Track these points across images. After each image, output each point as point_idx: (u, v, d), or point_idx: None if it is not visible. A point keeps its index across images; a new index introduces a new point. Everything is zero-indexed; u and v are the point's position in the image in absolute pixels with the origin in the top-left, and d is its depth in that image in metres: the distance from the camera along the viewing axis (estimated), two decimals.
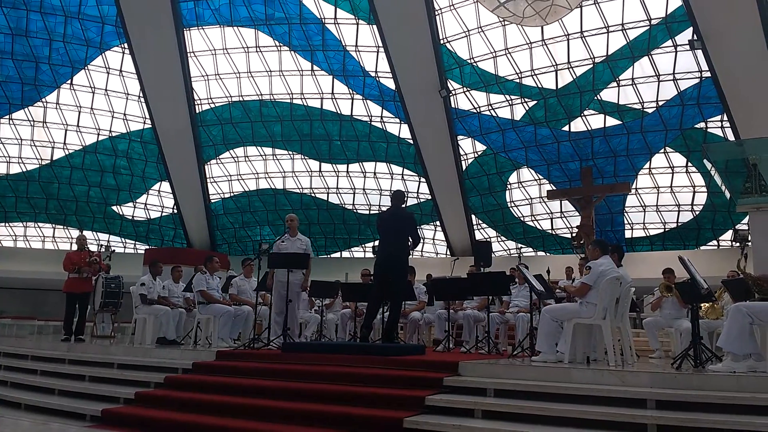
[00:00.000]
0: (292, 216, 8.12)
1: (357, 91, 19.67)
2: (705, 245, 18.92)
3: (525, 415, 4.51)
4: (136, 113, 20.97)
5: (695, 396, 4.33)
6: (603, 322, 5.89)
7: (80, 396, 6.30)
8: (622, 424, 4.19)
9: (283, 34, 19.10)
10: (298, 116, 20.57)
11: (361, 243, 22.96)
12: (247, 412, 5.05)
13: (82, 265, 9.16)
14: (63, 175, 21.78)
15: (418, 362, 5.79)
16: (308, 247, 7.85)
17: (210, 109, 20.95)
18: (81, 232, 17.02)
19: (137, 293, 8.61)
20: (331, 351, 6.51)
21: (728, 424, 3.98)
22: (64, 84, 20.30)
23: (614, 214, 19.29)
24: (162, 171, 22.00)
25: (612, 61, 16.84)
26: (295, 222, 8.00)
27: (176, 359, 6.71)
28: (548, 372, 5.18)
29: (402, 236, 7.08)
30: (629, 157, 18.20)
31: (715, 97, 15.87)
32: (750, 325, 4.93)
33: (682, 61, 16.14)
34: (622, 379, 4.79)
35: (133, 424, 5.19)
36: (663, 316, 8.07)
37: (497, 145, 19.43)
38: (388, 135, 20.22)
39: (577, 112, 18.03)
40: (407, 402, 4.86)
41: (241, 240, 23.85)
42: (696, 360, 5.45)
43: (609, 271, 6.02)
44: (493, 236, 21.16)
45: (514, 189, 20.34)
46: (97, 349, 8.01)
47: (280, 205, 22.47)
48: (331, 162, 21.51)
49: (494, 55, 17.80)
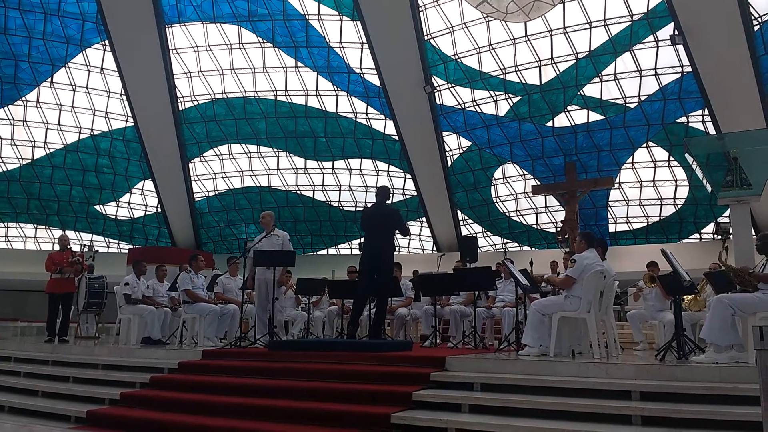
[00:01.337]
0: (264, 213, 8.02)
1: (342, 87, 19.62)
2: (687, 238, 19.16)
3: (511, 409, 4.54)
4: (118, 111, 20.76)
5: (679, 387, 4.38)
6: (588, 315, 5.93)
7: (64, 397, 6.24)
8: (608, 416, 4.23)
9: (267, 30, 18.99)
10: (282, 113, 20.47)
11: (347, 240, 22.94)
12: (234, 411, 5.03)
13: (64, 266, 9.04)
14: (44, 174, 21.49)
15: (405, 358, 5.80)
16: (285, 242, 7.72)
17: (193, 107, 20.79)
18: (63, 232, 16.80)
19: (121, 293, 8.52)
20: (318, 348, 6.50)
21: (711, 414, 4.04)
22: (45, 82, 20.02)
23: (598, 209, 19.46)
24: (145, 169, 21.80)
25: (594, 57, 16.96)
26: (266, 218, 7.86)
27: (162, 359, 6.66)
28: (534, 365, 5.22)
29: (387, 232, 7.07)
30: (612, 151, 18.36)
31: (696, 91, 16.06)
32: (732, 316, 5.00)
33: (663, 57, 16.30)
34: (607, 372, 4.84)
35: (119, 425, 5.15)
36: (646, 309, 8.15)
37: (482, 141, 19.49)
38: (374, 131, 20.21)
39: (561, 108, 18.14)
40: (394, 398, 4.86)
41: (227, 238, 23.71)
42: (679, 351, 5.52)
43: (593, 265, 6.07)
44: (479, 232, 21.24)
45: (500, 185, 20.44)
46: (81, 350, 7.94)
47: (266, 203, 22.35)
48: (317, 159, 21.45)
49: (478, 51, 17.84)
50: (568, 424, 4.17)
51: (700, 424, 3.99)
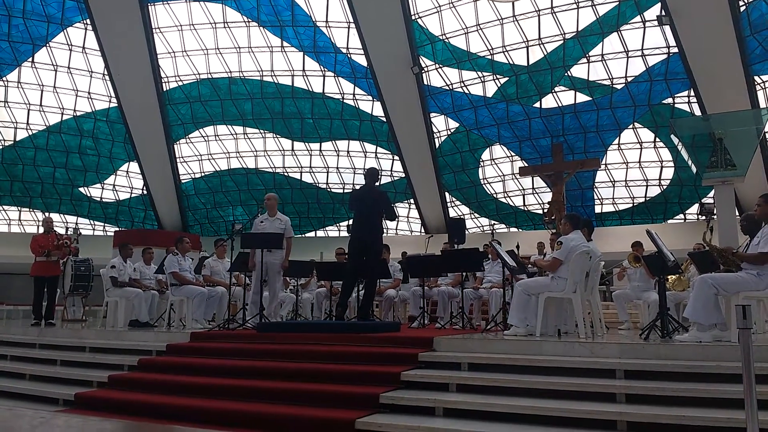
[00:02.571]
0: (270, 195, 7.94)
1: (328, 68, 19.45)
2: (672, 219, 19.37)
3: (498, 388, 4.60)
4: (101, 92, 20.45)
5: (662, 365, 4.45)
6: (573, 295, 6.00)
7: (52, 380, 6.22)
8: (593, 394, 4.30)
9: (251, 9, 18.71)
10: (268, 94, 20.27)
11: (335, 222, 22.92)
12: (222, 393, 5.04)
13: (50, 248, 8.96)
14: (27, 156, 21.19)
15: (393, 339, 5.84)
16: (288, 227, 7.73)
17: (177, 87, 20.52)
18: (47, 214, 16.59)
19: (107, 276, 8.47)
20: (307, 330, 6.52)
21: (694, 392, 4.11)
22: (25, 62, 19.65)
23: (584, 190, 19.57)
24: (130, 151, 21.55)
25: (582, 38, 16.93)
26: (272, 201, 7.83)
27: (150, 341, 6.65)
28: (521, 345, 5.28)
29: (376, 214, 7.06)
30: (599, 133, 18.42)
31: (683, 72, 16.11)
32: (715, 296, 5.07)
33: (650, 37, 16.32)
34: (592, 351, 4.90)
35: (107, 408, 5.15)
36: (631, 289, 8.26)
37: (470, 123, 19.46)
38: (361, 113, 20.09)
39: (548, 89, 18.13)
40: (383, 378, 4.90)
41: (214, 220, 23.59)
42: (663, 330, 5.60)
43: (579, 246, 6.11)
44: (467, 213, 21.31)
45: (487, 166, 20.47)
46: (68, 333, 7.89)
47: (253, 185, 22.24)
48: (304, 141, 21.31)
49: (466, 32, 17.73)
50: (554, 402, 4.23)
51: (684, 401, 4.06)
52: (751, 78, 15.46)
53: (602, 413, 4.02)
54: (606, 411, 4.04)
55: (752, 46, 15.17)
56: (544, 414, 4.13)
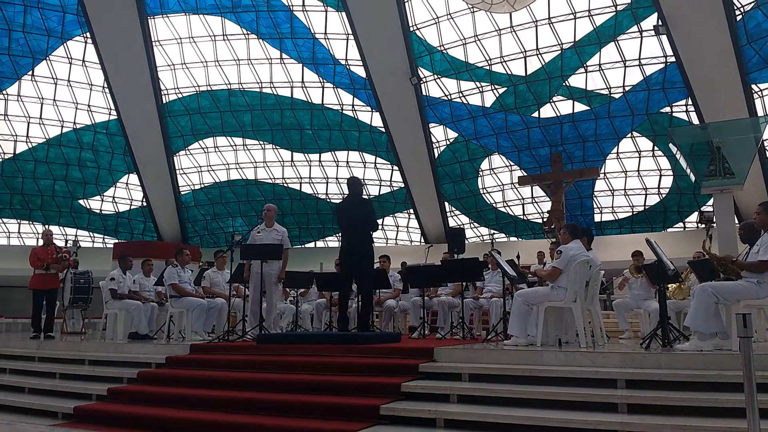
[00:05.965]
0: (269, 206, 7.95)
1: (327, 79, 19.53)
2: (671, 227, 19.37)
3: (499, 398, 4.57)
4: (100, 104, 20.52)
5: (664, 375, 4.43)
6: (574, 304, 5.98)
7: (51, 394, 6.18)
8: (594, 404, 4.28)
9: (251, 21, 18.83)
10: (268, 105, 20.34)
11: (335, 233, 22.89)
12: (222, 405, 5.02)
13: (49, 261, 8.95)
14: (27, 168, 21.22)
15: (393, 349, 5.82)
16: (285, 238, 7.71)
17: (177, 99, 20.59)
18: (47, 227, 16.64)
19: (107, 288, 8.45)
20: (307, 341, 6.50)
21: (696, 401, 4.09)
22: (26, 75, 19.73)
23: (584, 199, 19.59)
24: (129, 163, 21.59)
25: (579, 47, 17.01)
26: (271, 212, 7.84)
27: (149, 354, 6.63)
28: (521, 355, 5.26)
29: (363, 224, 7.01)
30: (597, 142, 18.47)
31: (680, 81, 16.17)
32: (715, 304, 5.05)
33: (647, 47, 16.40)
34: (593, 360, 4.88)
35: (107, 421, 5.12)
36: (632, 298, 8.24)
37: (468, 132, 19.51)
38: (360, 123, 20.15)
39: (546, 99, 18.20)
40: (383, 389, 4.88)
41: (213, 232, 23.59)
42: (664, 339, 5.59)
43: (579, 255, 6.10)
44: (466, 223, 21.31)
45: (486, 175, 20.50)
46: (67, 346, 7.86)
47: (252, 196, 22.25)
48: (303, 151, 21.36)
49: (464, 42, 17.83)
50: (556, 413, 4.20)
51: (685, 411, 4.04)
52: (749, 86, 15.53)
53: (604, 423, 4.00)
54: (608, 421, 4.01)
55: (749, 54, 15.25)
56: (546, 425, 4.10)
